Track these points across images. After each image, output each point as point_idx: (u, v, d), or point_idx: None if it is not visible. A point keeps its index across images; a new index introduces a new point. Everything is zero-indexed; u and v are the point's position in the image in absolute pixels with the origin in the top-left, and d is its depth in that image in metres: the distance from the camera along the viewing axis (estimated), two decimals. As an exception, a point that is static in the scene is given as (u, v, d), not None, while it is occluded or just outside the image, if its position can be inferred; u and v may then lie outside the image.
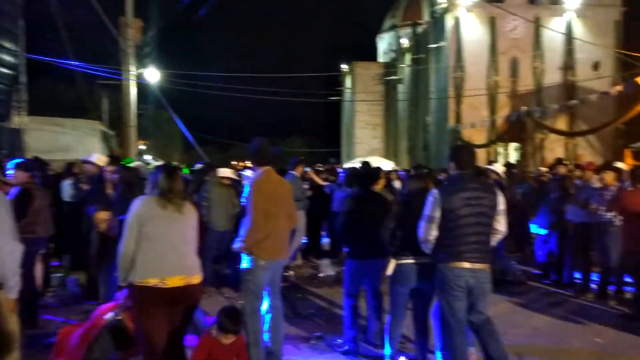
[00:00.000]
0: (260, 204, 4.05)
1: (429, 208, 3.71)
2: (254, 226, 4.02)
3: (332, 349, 4.84)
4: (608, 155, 25.85)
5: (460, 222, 3.66)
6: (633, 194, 5.72)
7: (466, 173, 3.82)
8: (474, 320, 3.83)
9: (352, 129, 41.91)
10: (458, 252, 3.68)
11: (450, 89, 27.29)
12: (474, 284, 3.72)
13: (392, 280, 4.24)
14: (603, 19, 27.46)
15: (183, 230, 3.51)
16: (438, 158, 28.81)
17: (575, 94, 26.09)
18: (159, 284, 3.32)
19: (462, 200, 3.66)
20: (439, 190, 3.73)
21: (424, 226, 3.75)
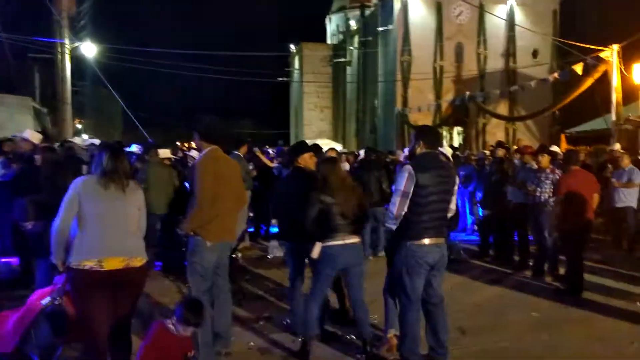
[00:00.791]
0: (207, 184, 3.92)
1: (404, 184, 3.67)
2: (200, 207, 3.90)
3: (281, 329, 4.84)
4: (545, 139, 27.16)
5: (430, 198, 3.70)
6: (566, 177, 6.01)
7: (434, 152, 3.89)
8: (431, 300, 3.91)
9: (300, 111, 41.76)
10: (426, 229, 3.73)
11: (398, 72, 27.63)
12: (438, 258, 3.82)
13: (318, 262, 4.17)
14: (542, 8, 28.54)
15: (126, 211, 3.37)
16: (386, 141, 29.25)
17: (516, 80, 27.13)
18: (95, 267, 3.17)
19: (432, 177, 3.72)
20: (412, 166, 3.71)
21: (399, 202, 3.69)
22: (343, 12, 41.63)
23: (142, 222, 3.51)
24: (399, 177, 3.74)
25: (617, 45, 13.58)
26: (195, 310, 3.33)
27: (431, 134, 3.97)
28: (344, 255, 4.13)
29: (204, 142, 4.13)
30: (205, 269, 4.05)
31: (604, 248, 8.39)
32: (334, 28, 43.46)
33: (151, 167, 6.80)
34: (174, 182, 6.83)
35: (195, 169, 4.01)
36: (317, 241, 4.12)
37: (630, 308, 5.51)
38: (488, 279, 6.77)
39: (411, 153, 3.91)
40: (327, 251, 4.11)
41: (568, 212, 5.84)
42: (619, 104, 13.92)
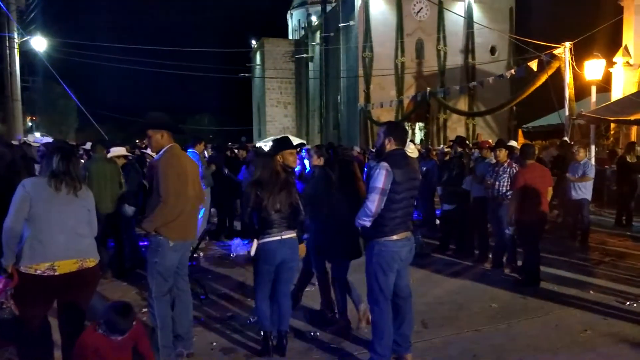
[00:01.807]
0: (171, 181, 3.84)
1: (382, 181, 3.64)
2: (165, 205, 3.81)
3: (245, 328, 4.78)
4: (503, 134, 27.93)
5: (403, 195, 3.72)
6: (523, 171, 6.16)
7: (403, 149, 3.91)
8: (401, 294, 3.95)
9: (263, 107, 41.47)
10: (399, 224, 3.76)
11: (360, 68, 27.79)
12: (407, 252, 3.86)
13: (257, 259, 4.19)
14: (499, 6, 29.28)
15: (77, 213, 3.31)
16: (349, 137, 29.41)
17: (475, 76, 27.76)
18: (47, 271, 3.09)
19: (405, 174, 3.73)
20: (388, 163, 3.69)
21: (378, 199, 3.65)
22: (304, 8, 41.57)
23: (94, 222, 3.45)
24: (377, 175, 3.69)
25: (569, 42, 14.02)
26: (121, 315, 3.07)
27: (400, 130, 3.99)
28: (281, 250, 4.15)
29: (159, 138, 4.01)
30: (167, 270, 3.96)
31: (559, 240, 8.68)
32: (295, 23, 43.34)
33: (93, 163, 6.53)
34: (119, 179, 6.58)
35: (158, 166, 3.91)
36: (254, 238, 4.15)
37: (584, 297, 5.71)
38: (449, 272, 6.90)
39: (380, 150, 3.89)
40: (265, 247, 4.12)
41: (524, 206, 6.00)
42: (571, 100, 14.38)
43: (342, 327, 4.71)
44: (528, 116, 24.59)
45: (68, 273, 3.15)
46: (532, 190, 6.00)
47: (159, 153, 3.99)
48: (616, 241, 8.82)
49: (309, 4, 40.95)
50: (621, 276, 6.51)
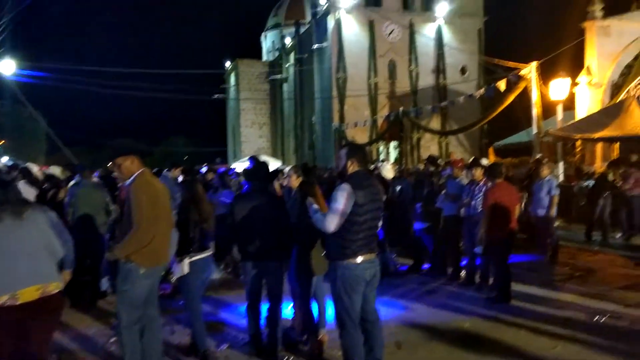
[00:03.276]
0: (145, 206, 3.81)
1: (342, 202, 3.64)
2: (137, 231, 3.76)
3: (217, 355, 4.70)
4: (475, 151, 28.44)
5: (366, 216, 3.72)
6: (492, 190, 6.29)
7: (366, 170, 3.94)
8: (368, 317, 3.91)
9: (237, 128, 41.39)
10: (361, 246, 3.74)
11: (334, 89, 28.08)
12: (373, 274, 3.84)
13: (189, 277, 4.40)
14: (468, 27, 30.07)
15: (29, 237, 3.20)
16: (324, 157, 29.52)
17: (447, 95, 28.33)
18: (8, 302, 2.98)
19: (367, 195, 3.73)
20: (350, 184, 3.69)
21: (337, 221, 3.65)
22: (278, 29, 41.93)
23: (55, 245, 3.33)
24: (337, 196, 3.69)
25: (535, 62, 14.49)
26: None
27: (362, 151, 4.04)
28: (210, 266, 4.53)
29: (130, 165, 3.97)
30: (137, 298, 3.89)
31: (529, 256, 8.81)
32: (269, 45, 43.63)
33: (81, 189, 6.44)
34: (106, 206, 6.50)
35: (130, 192, 3.87)
36: (185, 256, 4.38)
37: (554, 313, 5.79)
38: (423, 290, 6.92)
39: (343, 172, 3.91)
40: (198, 263, 4.37)
41: (493, 223, 6.10)
42: (539, 118, 14.81)
43: (311, 349, 4.66)
44: (499, 134, 25.16)
45: (29, 302, 3.05)
46: (500, 208, 6.11)
47: (131, 179, 3.94)
48: (586, 256, 9.01)
49: (282, 26, 41.32)
50: (591, 291, 6.63)
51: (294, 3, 41.51)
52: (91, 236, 6.27)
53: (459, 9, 29.67)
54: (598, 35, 17.02)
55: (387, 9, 28.52)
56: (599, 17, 16.94)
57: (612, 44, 17.16)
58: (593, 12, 16.90)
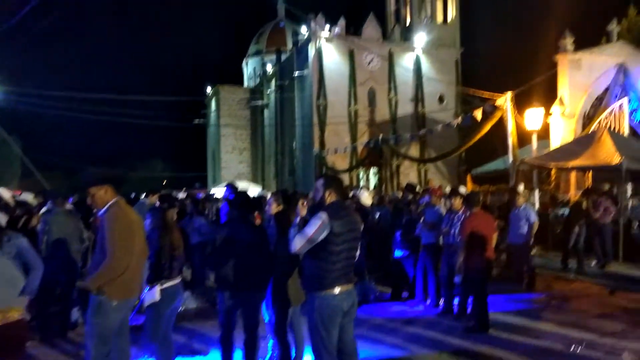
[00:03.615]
0: (118, 237, 3.73)
1: (314, 230, 3.64)
2: (112, 262, 3.67)
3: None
4: (454, 179, 28.81)
5: (343, 246, 3.71)
6: (469, 219, 6.35)
7: (343, 200, 3.94)
8: (345, 348, 3.86)
9: (218, 153, 41.27)
10: (339, 277, 3.71)
11: (314, 116, 28.31)
12: (351, 304, 3.80)
13: (158, 304, 4.35)
14: (446, 58, 30.81)
15: None
16: (304, 182, 29.53)
17: (425, 123, 28.80)
18: None
19: (345, 225, 3.73)
20: (327, 214, 3.69)
21: (304, 244, 3.66)
22: (260, 56, 42.32)
23: (13, 272, 3.23)
24: (311, 222, 3.70)
25: (510, 93, 14.86)
26: None
27: (338, 182, 4.05)
28: (180, 294, 4.51)
29: (103, 194, 3.91)
30: (108, 331, 3.78)
31: (506, 285, 8.86)
32: (250, 72, 43.95)
33: (54, 216, 6.30)
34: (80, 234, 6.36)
35: (105, 221, 3.79)
36: (156, 283, 4.34)
37: (531, 342, 5.81)
38: (401, 319, 6.89)
39: (320, 203, 3.91)
40: (168, 291, 4.34)
41: (471, 252, 6.14)
42: (515, 147, 15.10)
43: None
44: (476, 161, 25.55)
45: None
46: (477, 237, 6.16)
47: (104, 208, 3.87)
48: (562, 284, 9.11)
49: (264, 53, 41.74)
50: (567, 320, 6.68)
51: (276, 31, 42.13)
52: (63, 264, 6.12)
53: (437, 40, 30.44)
54: (570, 67, 17.61)
55: (367, 39, 29.11)
56: (570, 50, 17.56)
57: (583, 76, 17.75)
58: (565, 46, 17.51)
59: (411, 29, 30.37)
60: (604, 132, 13.56)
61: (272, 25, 42.93)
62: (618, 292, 8.23)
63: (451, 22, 31.37)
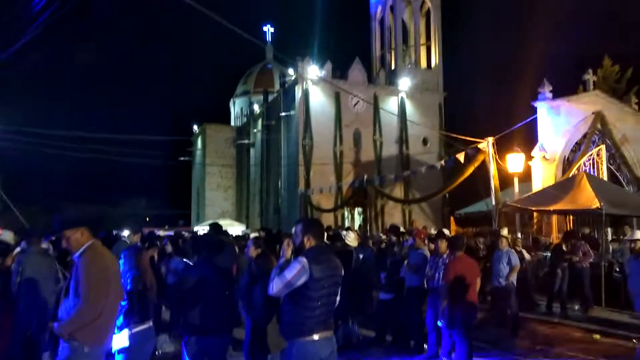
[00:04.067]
0: (93, 282, 3.65)
1: (293, 274, 3.59)
2: (85, 307, 3.57)
3: None
4: (437, 220, 28.97)
5: (322, 292, 3.66)
6: (453, 263, 6.37)
7: (324, 245, 3.92)
8: None
9: (203, 191, 41.09)
10: (318, 323, 3.64)
11: (300, 155, 28.51)
12: (330, 351, 3.72)
13: (129, 349, 4.24)
14: (429, 101, 31.54)
15: None
16: (289, 221, 29.37)
17: (409, 164, 29.14)
18: None
19: (325, 270, 3.69)
20: (307, 259, 3.65)
21: (282, 288, 3.60)
22: (247, 96, 42.89)
23: None
24: (291, 266, 3.66)
25: (492, 137, 15.17)
26: None
27: (318, 227, 4.03)
28: (152, 338, 4.45)
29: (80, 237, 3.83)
30: None
31: (490, 328, 8.81)
32: (238, 111, 44.40)
33: (28, 256, 6.15)
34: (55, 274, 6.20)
35: (80, 265, 3.71)
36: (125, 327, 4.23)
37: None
38: (386, 365, 6.77)
39: (299, 248, 3.89)
40: (138, 335, 4.25)
41: (455, 297, 6.13)
42: (497, 190, 15.29)
43: None
44: (460, 202, 25.79)
45: None
46: (461, 281, 6.16)
47: (80, 250, 3.80)
48: (546, 328, 9.08)
49: (251, 93, 42.32)
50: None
51: (263, 72, 42.90)
52: (35, 306, 5.94)
53: (421, 85, 31.24)
54: (549, 114, 18.12)
55: (352, 82, 29.75)
56: (549, 97, 18.11)
57: (562, 122, 18.26)
58: (543, 93, 18.07)
59: (396, 73, 31.15)
60: (584, 176, 13.86)
61: (260, 67, 43.73)
62: (601, 336, 8.23)
63: (435, 67, 32.27)
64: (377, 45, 33.50)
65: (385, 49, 32.92)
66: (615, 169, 18.84)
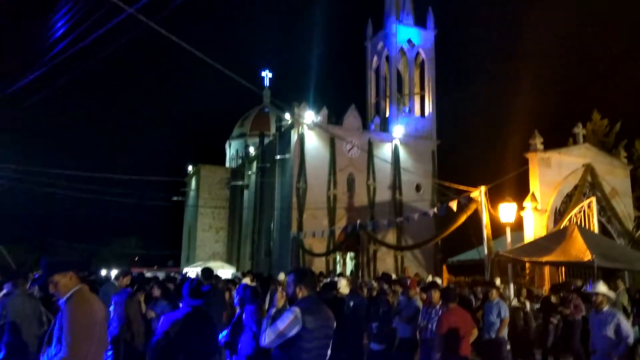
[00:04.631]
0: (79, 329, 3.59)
1: (286, 324, 3.59)
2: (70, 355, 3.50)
3: None
4: (430, 267, 28.80)
5: (314, 343, 3.64)
6: (446, 315, 6.33)
7: (316, 296, 3.92)
8: None
9: (194, 231, 40.78)
10: None
11: (294, 198, 28.57)
12: None
13: None
14: (422, 148, 31.98)
15: None
16: (280, 264, 29.13)
17: (402, 210, 29.23)
18: None
19: (317, 321, 3.69)
20: (300, 309, 3.65)
21: (274, 338, 3.59)
22: (243, 139, 43.32)
23: None
24: (284, 316, 3.67)
25: (484, 187, 15.34)
26: None
27: (311, 277, 4.05)
28: None
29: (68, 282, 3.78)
30: None
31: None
32: (233, 153, 44.73)
33: (12, 299, 6.03)
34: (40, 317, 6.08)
35: (66, 311, 3.66)
36: None
37: None
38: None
39: (292, 298, 3.89)
40: None
41: (448, 349, 6.06)
42: (489, 239, 15.33)
43: None
44: (452, 250, 25.72)
45: None
46: (454, 334, 6.11)
47: (66, 295, 3.76)
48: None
49: (247, 136, 42.78)
50: None
51: (260, 116, 43.55)
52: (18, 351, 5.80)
53: (414, 132, 31.77)
54: (540, 165, 18.40)
55: (347, 128, 30.24)
56: (540, 149, 18.43)
57: (553, 173, 18.53)
58: (534, 145, 18.40)
59: (390, 120, 31.72)
60: (575, 228, 13.96)
61: (257, 110, 44.41)
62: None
63: (428, 115, 32.90)
64: (373, 92, 34.29)
65: (380, 97, 33.65)
66: (605, 221, 19.00)
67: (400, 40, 32.47)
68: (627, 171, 20.70)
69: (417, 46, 33.01)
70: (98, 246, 46.63)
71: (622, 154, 21.34)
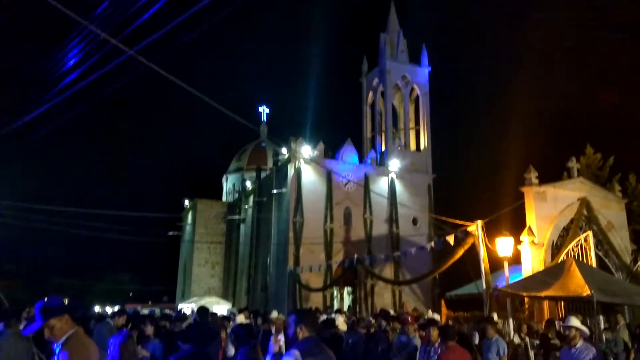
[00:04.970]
0: None
1: None
2: None
3: None
4: (428, 301, 28.49)
5: None
6: (445, 354, 6.26)
7: (316, 336, 3.89)
8: None
9: (189, 266, 40.37)
10: None
11: (290, 232, 28.46)
12: None
13: None
14: (419, 182, 32.11)
15: None
16: (277, 299, 28.79)
17: (399, 244, 29.13)
18: None
19: None
20: (299, 351, 3.62)
21: None
22: (240, 173, 43.43)
23: None
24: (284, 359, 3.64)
25: (480, 221, 15.38)
26: None
27: (312, 317, 4.03)
28: None
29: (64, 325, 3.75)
30: None
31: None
32: (230, 187, 44.74)
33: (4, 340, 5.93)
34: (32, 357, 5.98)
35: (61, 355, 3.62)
36: None
37: None
38: None
39: (293, 339, 3.86)
40: None
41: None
42: (487, 273, 15.28)
43: None
44: (450, 284, 25.51)
45: None
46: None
47: (62, 339, 3.71)
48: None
49: (244, 170, 42.91)
50: None
51: (257, 150, 43.82)
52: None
53: (410, 166, 31.97)
54: (535, 199, 18.48)
55: (343, 162, 30.45)
56: (535, 183, 18.55)
57: (549, 207, 18.60)
58: (530, 179, 18.53)
59: (386, 154, 31.97)
60: (572, 262, 13.91)
61: (254, 145, 44.71)
62: None
63: (424, 150, 33.18)
64: (368, 127, 34.69)
65: (376, 131, 34.02)
66: (603, 255, 18.98)
67: (395, 77, 33.09)
68: (622, 204, 20.80)
69: (411, 82, 33.63)
70: (92, 282, 46.02)
71: (617, 188, 21.48)
